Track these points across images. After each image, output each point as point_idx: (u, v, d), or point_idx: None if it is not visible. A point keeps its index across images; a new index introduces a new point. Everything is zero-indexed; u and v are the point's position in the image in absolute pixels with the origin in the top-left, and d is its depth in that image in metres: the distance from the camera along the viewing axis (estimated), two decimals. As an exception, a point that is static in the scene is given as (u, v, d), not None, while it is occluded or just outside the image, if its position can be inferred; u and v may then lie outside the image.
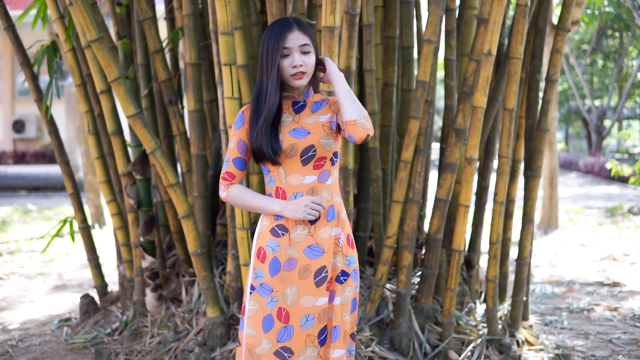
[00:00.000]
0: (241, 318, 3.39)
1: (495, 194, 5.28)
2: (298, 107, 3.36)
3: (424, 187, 5.75)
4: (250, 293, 3.33)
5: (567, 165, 27.96)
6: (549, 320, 6.48)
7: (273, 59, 3.25)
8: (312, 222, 3.30)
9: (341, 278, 3.37)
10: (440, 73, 22.71)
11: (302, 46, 3.27)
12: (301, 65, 3.27)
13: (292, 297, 3.28)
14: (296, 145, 3.26)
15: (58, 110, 15.16)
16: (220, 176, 3.41)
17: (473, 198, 5.37)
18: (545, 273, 8.79)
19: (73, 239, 6.23)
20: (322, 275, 3.30)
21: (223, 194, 3.41)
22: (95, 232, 11.84)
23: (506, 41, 5.62)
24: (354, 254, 3.42)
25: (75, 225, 7.45)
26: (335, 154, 3.38)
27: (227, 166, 3.38)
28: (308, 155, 3.28)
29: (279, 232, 3.30)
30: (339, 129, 3.35)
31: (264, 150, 3.25)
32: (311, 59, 3.30)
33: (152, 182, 5.74)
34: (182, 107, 5.94)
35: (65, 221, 6.15)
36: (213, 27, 4.90)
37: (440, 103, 31.03)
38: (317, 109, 3.38)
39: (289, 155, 3.27)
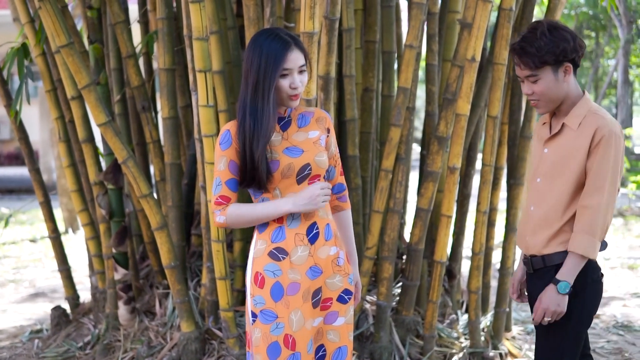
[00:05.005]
0: (247, 352, 3.26)
1: (478, 203, 5.16)
2: (284, 124, 3.21)
3: (404, 195, 5.63)
4: (253, 322, 3.17)
5: (546, 166, 27.96)
6: (531, 329, 6.38)
7: (271, 80, 3.06)
8: (311, 242, 3.17)
9: (346, 297, 3.27)
10: (420, 73, 22.72)
11: (301, 66, 3.13)
12: (299, 87, 3.14)
13: (298, 322, 3.14)
14: (293, 165, 3.12)
15: (32, 112, 14.99)
16: (212, 202, 3.17)
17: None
18: (526, 278, 8.69)
19: (6, 225, 6.00)
20: (318, 296, 3.20)
21: (220, 218, 3.15)
22: (69, 237, 11.66)
23: (489, 45, 5.51)
24: (351, 270, 3.33)
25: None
26: (327, 170, 3.29)
27: (220, 189, 3.14)
28: (304, 174, 3.15)
29: (279, 255, 3.14)
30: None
31: (261, 177, 3.08)
32: (306, 77, 3.17)
33: (125, 190, 5.58)
34: (156, 113, 5.79)
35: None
36: (187, 32, 4.76)
37: (418, 102, 31.00)
38: (303, 123, 3.24)
39: (285, 175, 3.12)
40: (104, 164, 5.55)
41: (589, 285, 3.31)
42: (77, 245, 10.83)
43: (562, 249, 3.31)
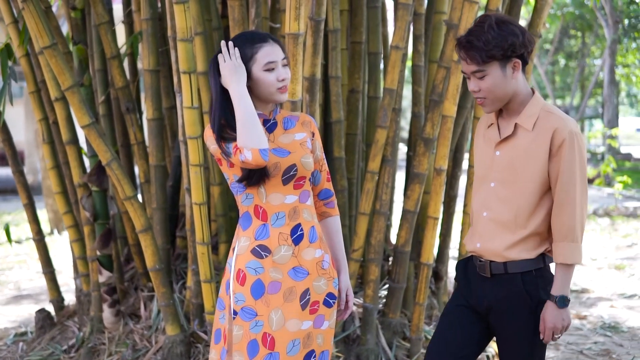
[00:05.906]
0: (222, 348, 3.22)
1: (465, 205, 5.15)
2: (270, 126, 3.21)
3: (390, 197, 5.61)
4: (234, 319, 3.15)
5: (531, 165, 27.98)
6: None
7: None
8: (295, 243, 3.16)
9: (330, 301, 3.24)
10: (406, 74, 22.69)
11: (283, 59, 3.15)
12: (287, 78, 3.15)
13: (278, 321, 3.12)
14: (279, 164, 3.12)
15: (17, 112, 14.91)
16: (237, 159, 3.04)
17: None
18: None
19: (10, 241, 5.95)
20: (307, 298, 3.18)
21: (248, 155, 3.00)
22: (55, 238, 11.61)
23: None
24: (336, 275, 3.30)
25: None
26: (313, 174, 3.28)
27: (233, 146, 3.06)
28: (289, 175, 3.14)
29: (262, 253, 3.14)
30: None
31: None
32: (289, 72, 3.18)
33: (109, 192, 5.54)
34: (141, 114, 5.75)
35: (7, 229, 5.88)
36: (172, 33, 4.72)
37: (404, 103, 31.00)
38: (289, 126, 3.25)
39: (271, 175, 3.11)
40: (88, 166, 5.50)
41: (547, 295, 3.26)
42: (62, 246, 10.76)
43: (526, 256, 3.20)
